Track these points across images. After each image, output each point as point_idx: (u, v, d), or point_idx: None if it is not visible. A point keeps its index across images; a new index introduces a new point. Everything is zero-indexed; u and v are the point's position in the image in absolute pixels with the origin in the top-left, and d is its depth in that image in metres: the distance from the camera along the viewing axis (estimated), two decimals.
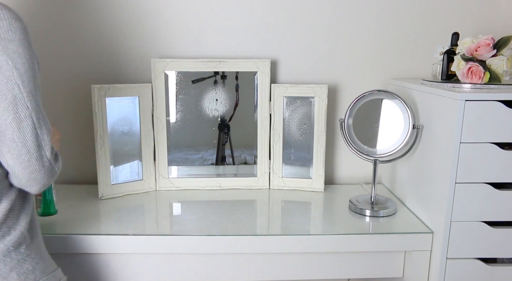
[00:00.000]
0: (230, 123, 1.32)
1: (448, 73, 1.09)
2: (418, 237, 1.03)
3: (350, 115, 1.14)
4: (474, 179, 0.95)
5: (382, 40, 1.34)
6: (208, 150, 1.33)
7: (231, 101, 1.30)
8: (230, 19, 1.32)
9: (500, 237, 0.98)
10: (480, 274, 1.00)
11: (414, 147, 1.14)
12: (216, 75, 1.29)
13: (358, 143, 1.15)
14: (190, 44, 1.33)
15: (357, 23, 1.33)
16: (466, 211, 0.96)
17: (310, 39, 1.34)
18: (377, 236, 1.02)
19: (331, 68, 1.36)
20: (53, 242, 0.99)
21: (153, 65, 1.25)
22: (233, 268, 1.06)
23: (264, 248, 1.01)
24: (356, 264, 1.07)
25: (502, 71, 1.00)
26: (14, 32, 0.66)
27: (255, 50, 1.34)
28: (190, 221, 1.08)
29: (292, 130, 1.31)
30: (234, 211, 1.15)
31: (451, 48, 1.09)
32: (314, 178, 1.31)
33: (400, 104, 1.10)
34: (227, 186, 1.33)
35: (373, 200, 1.17)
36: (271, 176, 1.33)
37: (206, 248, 1.01)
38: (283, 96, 1.29)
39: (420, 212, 1.11)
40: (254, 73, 1.29)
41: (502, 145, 0.94)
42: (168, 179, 1.31)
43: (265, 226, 1.07)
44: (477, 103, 0.91)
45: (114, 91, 1.20)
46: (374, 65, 1.36)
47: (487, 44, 0.99)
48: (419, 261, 1.04)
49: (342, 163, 1.42)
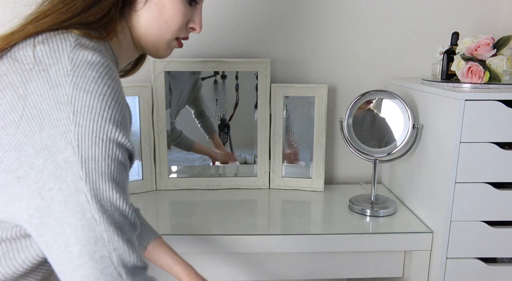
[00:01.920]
0: (230, 123, 1.32)
1: (448, 73, 1.09)
2: (418, 237, 1.03)
3: (350, 115, 1.14)
4: (474, 179, 0.95)
5: (382, 40, 1.34)
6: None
7: (231, 101, 1.30)
8: (230, 19, 1.32)
9: (500, 237, 0.98)
10: (480, 274, 1.00)
11: (414, 147, 1.14)
12: (216, 75, 1.29)
13: (358, 142, 1.15)
14: (190, 44, 1.33)
15: (357, 23, 1.33)
16: (466, 210, 0.96)
17: (310, 39, 1.34)
18: (377, 236, 1.02)
19: (331, 68, 1.36)
20: None
21: (153, 65, 1.25)
22: (233, 268, 1.06)
23: (264, 248, 1.01)
24: (356, 264, 1.07)
25: (502, 71, 1.00)
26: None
27: (255, 50, 1.34)
28: (190, 221, 1.08)
29: (292, 130, 1.31)
30: (234, 211, 1.15)
31: (451, 48, 1.09)
32: (314, 177, 1.31)
33: (400, 104, 1.10)
34: (227, 185, 1.33)
35: (373, 199, 1.17)
36: (271, 175, 1.33)
37: (207, 248, 1.01)
38: (283, 96, 1.29)
39: (420, 212, 1.11)
40: (254, 73, 1.29)
41: (502, 144, 0.93)
42: (168, 178, 1.31)
43: (265, 226, 1.07)
44: (477, 103, 0.91)
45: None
46: (374, 65, 1.36)
47: (487, 44, 0.99)
48: (419, 261, 1.04)
49: (342, 163, 1.42)
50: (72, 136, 0.49)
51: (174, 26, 0.68)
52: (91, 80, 0.51)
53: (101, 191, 0.49)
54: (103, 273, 0.49)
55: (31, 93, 0.51)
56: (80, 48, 0.54)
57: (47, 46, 0.54)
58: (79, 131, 0.49)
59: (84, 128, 0.49)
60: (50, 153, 0.49)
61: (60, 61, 0.52)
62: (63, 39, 0.55)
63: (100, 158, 0.50)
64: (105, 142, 0.50)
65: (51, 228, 0.49)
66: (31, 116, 0.50)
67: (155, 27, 0.67)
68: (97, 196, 0.49)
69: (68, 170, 0.49)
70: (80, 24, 0.58)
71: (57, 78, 0.51)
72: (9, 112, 0.51)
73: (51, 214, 0.49)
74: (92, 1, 0.58)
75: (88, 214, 0.49)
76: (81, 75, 0.51)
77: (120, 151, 0.52)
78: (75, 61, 0.52)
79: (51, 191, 0.49)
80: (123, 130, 0.52)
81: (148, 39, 0.68)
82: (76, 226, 0.48)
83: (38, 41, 0.55)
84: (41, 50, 0.54)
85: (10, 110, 0.51)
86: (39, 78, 0.51)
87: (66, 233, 0.49)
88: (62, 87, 0.50)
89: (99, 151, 0.50)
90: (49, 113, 0.49)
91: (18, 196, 0.51)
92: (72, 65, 0.52)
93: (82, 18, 0.58)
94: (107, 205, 0.50)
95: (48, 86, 0.51)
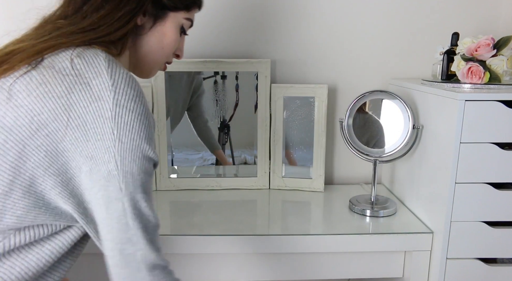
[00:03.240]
0: (230, 123, 1.32)
1: (448, 73, 1.09)
2: (418, 237, 1.03)
3: (350, 115, 1.14)
4: (474, 179, 0.95)
5: (382, 40, 1.34)
6: (208, 150, 1.33)
7: (231, 101, 1.30)
8: (231, 19, 1.32)
9: (500, 237, 0.98)
10: (480, 274, 1.00)
11: (414, 147, 1.14)
12: (216, 75, 1.29)
13: (358, 143, 1.15)
14: (190, 44, 1.33)
15: (357, 23, 1.33)
16: (466, 211, 0.96)
17: (310, 39, 1.34)
18: (377, 236, 1.02)
19: (331, 68, 1.36)
20: None
21: None
22: (233, 268, 1.06)
23: (264, 248, 1.01)
24: (356, 264, 1.07)
25: (502, 71, 1.00)
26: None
27: (255, 50, 1.34)
28: (190, 221, 1.08)
29: (292, 130, 1.31)
30: (234, 211, 1.15)
31: (451, 48, 1.09)
32: (314, 178, 1.31)
33: (400, 104, 1.10)
34: (227, 186, 1.33)
35: (373, 200, 1.17)
36: (271, 176, 1.33)
37: (207, 248, 1.01)
38: (283, 97, 1.29)
39: (420, 212, 1.11)
40: (254, 73, 1.29)
41: (502, 145, 0.93)
42: (168, 179, 1.31)
43: (265, 226, 1.07)
44: (477, 103, 0.91)
45: None
46: (374, 65, 1.36)
47: (487, 44, 0.99)
48: (419, 261, 1.04)
49: (342, 163, 1.42)
50: (116, 152, 0.56)
51: (168, 52, 0.78)
52: (131, 99, 0.58)
53: (135, 202, 0.58)
54: (128, 265, 0.58)
55: (73, 104, 0.56)
56: (113, 64, 0.60)
57: (84, 60, 0.59)
58: (121, 148, 0.56)
59: (126, 146, 0.57)
60: (95, 163, 0.57)
61: (100, 76, 0.58)
62: (96, 55, 0.60)
63: (136, 173, 0.58)
64: (141, 159, 0.58)
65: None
66: (76, 126, 0.56)
67: (153, 51, 0.76)
68: (132, 206, 0.58)
69: (110, 181, 0.57)
70: (101, 41, 0.64)
71: (99, 92, 0.57)
72: (52, 121, 0.56)
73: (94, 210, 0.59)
74: (119, 25, 0.66)
75: (123, 220, 0.58)
76: (122, 92, 0.58)
77: (150, 164, 0.61)
78: (114, 77, 0.58)
79: (96, 194, 0.58)
80: (152, 145, 0.61)
81: (145, 60, 0.76)
82: (112, 228, 0.58)
83: (73, 54, 0.59)
84: (79, 63, 0.59)
85: (53, 118, 0.56)
86: (81, 90, 0.57)
87: (104, 230, 0.59)
88: (105, 102, 0.57)
89: (136, 167, 0.58)
90: (93, 126, 0.56)
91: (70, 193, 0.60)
92: (112, 81, 0.58)
93: (106, 38, 0.65)
94: (139, 213, 0.59)
95: (91, 99, 0.57)
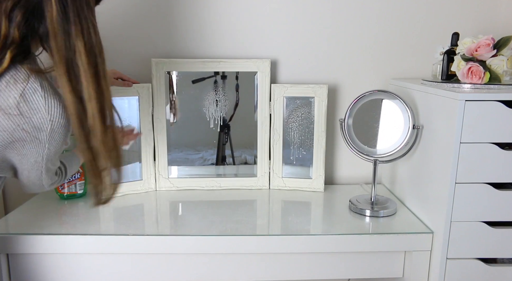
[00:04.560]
0: (230, 123, 1.32)
1: (448, 73, 1.09)
2: (418, 237, 1.03)
3: (350, 115, 1.14)
4: (474, 179, 0.95)
5: (382, 40, 1.34)
6: (208, 150, 1.33)
7: (231, 101, 1.30)
8: (230, 19, 1.32)
9: (500, 237, 0.98)
10: (480, 274, 1.00)
11: (414, 147, 1.14)
12: (216, 75, 1.29)
13: (358, 142, 1.15)
14: (190, 44, 1.33)
15: (357, 23, 1.33)
16: (466, 211, 0.96)
17: (310, 39, 1.34)
18: (377, 236, 1.02)
19: (331, 68, 1.36)
20: (52, 241, 0.99)
21: (153, 65, 1.25)
22: (233, 268, 1.06)
23: (264, 248, 1.01)
24: (356, 264, 1.07)
25: (502, 71, 1.00)
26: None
27: (255, 50, 1.34)
28: (190, 221, 1.08)
29: (292, 131, 1.31)
30: (234, 211, 1.15)
31: (451, 48, 1.09)
32: (314, 178, 1.31)
33: (400, 104, 1.10)
34: (227, 186, 1.33)
35: (373, 200, 1.17)
36: (271, 176, 1.33)
37: (206, 248, 1.01)
38: (283, 96, 1.29)
39: (420, 212, 1.11)
40: (254, 73, 1.29)
41: (502, 145, 0.93)
42: (168, 179, 1.31)
43: (265, 226, 1.07)
44: (477, 103, 0.91)
45: (114, 92, 1.18)
46: (374, 65, 1.36)
47: (487, 44, 0.99)
48: (419, 261, 1.04)
49: (342, 163, 1.42)
50: (44, 154, 0.79)
51: None
52: (62, 126, 0.77)
53: (47, 168, 0.83)
54: (34, 184, 0.85)
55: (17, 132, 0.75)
56: (49, 97, 0.76)
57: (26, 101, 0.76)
58: (48, 153, 0.79)
59: (51, 152, 0.79)
60: (26, 157, 0.79)
61: (39, 112, 0.75)
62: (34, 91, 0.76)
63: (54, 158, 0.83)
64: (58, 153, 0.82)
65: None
66: (17, 141, 0.75)
67: None
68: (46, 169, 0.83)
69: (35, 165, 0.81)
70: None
71: (39, 125, 0.75)
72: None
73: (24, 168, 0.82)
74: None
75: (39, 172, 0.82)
76: (57, 123, 0.76)
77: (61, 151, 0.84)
78: (51, 112, 0.76)
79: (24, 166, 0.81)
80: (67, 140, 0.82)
81: None
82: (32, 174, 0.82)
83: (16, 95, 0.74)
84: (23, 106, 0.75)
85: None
86: (24, 123, 0.75)
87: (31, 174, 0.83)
88: (44, 131, 0.75)
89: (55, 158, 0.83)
90: (31, 145, 0.77)
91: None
92: (49, 116, 0.75)
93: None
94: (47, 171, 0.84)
95: (33, 128, 0.75)
